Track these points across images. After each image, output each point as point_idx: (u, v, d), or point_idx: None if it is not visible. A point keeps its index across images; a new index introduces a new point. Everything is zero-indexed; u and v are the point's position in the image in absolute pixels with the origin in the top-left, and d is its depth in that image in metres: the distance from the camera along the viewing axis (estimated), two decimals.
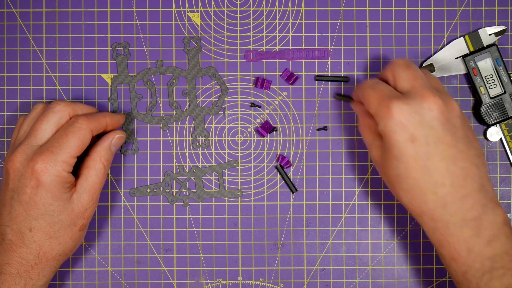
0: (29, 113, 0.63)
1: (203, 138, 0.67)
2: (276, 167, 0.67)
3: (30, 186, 0.58)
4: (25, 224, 0.59)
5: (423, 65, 0.67)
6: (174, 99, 0.67)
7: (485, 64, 0.66)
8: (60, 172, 0.58)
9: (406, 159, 0.55)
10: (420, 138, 0.55)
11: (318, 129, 0.67)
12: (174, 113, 0.67)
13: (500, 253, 0.55)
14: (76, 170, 0.61)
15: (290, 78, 0.67)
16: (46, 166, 0.58)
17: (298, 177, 0.67)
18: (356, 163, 0.67)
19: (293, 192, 0.67)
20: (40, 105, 0.63)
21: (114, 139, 0.63)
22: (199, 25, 0.68)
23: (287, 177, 0.66)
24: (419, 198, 0.56)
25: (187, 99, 0.67)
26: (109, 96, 0.67)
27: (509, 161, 0.67)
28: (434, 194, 0.55)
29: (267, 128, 0.67)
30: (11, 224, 0.59)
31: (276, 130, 0.67)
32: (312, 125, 0.67)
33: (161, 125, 0.67)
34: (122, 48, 0.67)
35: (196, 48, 0.67)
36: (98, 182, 0.61)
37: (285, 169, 0.67)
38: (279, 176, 0.67)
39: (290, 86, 0.67)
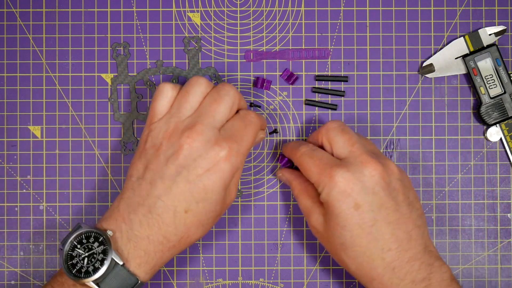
0: (187, 86, 0.59)
1: None
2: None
3: (206, 169, 0.56)
4: (184, 204, 0.56)
5: (423, 65, 0.67)
6: None
7: (485, 64, 0.66)
8: (237, 163, 0.57)
9: (351, 227, 0.56)
10: (364, 205, 0.55)
11: None
12: None
13: None
14: None
15: (290, 78, 0.67)
16: (231, 155, 0.56)
17: None
18: None
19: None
20: (204, 81, 0.59)
21: (258, 138, 0.62)
22: (199, 25, 0.68)
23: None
24: (367, 264, 0.56)
25: None
26: (109, 96, 0.67)
27: (509, 161, 0.67)
28: (382, 260, 0.56)
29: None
30: (167, 199, 0.56)
31: (277, 132, 0.67)
32: (312, 125, 0.67)
33: None
34: (122, 48, 0.67)
35: (196, 48, 0.67)
36: (238, 177, 0.60)
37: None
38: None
39: (290, 86, 0.67)
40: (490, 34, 0.66)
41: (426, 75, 0.67)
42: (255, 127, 0.59)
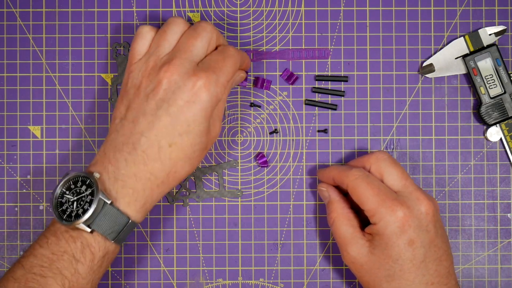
0: (165, 26, 0.60)
1: None
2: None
3: (186, 100, 0.56)
4: (168, 138, 0.56)
5: (423, 65, 0.67)
6: None
7: (485, 64, 0.66)
8: (218, 92, 0.57)
9: (403, 261, 0.57)
10: (417, 242, 0.57)
11: (319, 131, 0.67)
12: None
13: None
14: None
15: (290, 78, 0.67)
16: (209, 84, 0.56)
17: (298, 177, 0.67)
18: None
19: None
20: (181, 21, 0.60)
21: (238, 76, 0.62)
22: None
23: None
24: None
25: None
26: (109, 96, 0.67)
27: (509, 161, 0.67)
28: None
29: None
30: (149, 134, 0.56)
31: (277, 132, 0.67)
32: (312, 125, 0.67)
33: None
34: (122, 48, 0.67)
35: None
36: (222, 109, 0.60)
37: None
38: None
39: (290, 86, 0.67)
40: (490, 34, 0.66)
41: (426, 75, 0.67)
42: (235, 59, 0.59)
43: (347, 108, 0.67)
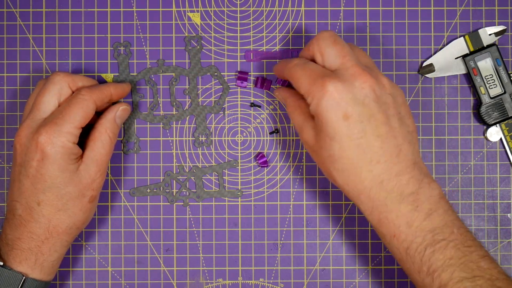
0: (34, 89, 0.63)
1: (204, 138, 0.67)
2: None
3: (36, 159, 0.58)
4: (33, 198, 0.59)
5: (423, 65, 0.67)
6: (175, 98, 0.67)
7: (485, 64, 0.66)
8: (64, 142, 0.58)
9: (340, 137, 0.55)
10: (354, 116, 0.54)
11: None
12: (174, 112, 0.67)
13: (440, 225, 0.54)
14: (82, 144, 0.61)
15: (286, 81, 0.67)
16: (50, 137, 0.58)
17: (298, 177, 0.67)
18: None
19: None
20: (42, 81, 0.63)
21: (118, 111, 0.63)
22: (199, 25, 0.68)
23: None
24: (354, 177, 0.55)
25: (188, 99, 0.67)
26: None
27: (509, 161, 0.67)
28: (370, 172, 0.55)
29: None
30: (20, 199, 0.59)
31: (278, 132, 0.67)
32: None
33: (161, 125, 0.67)
34: (123, 48, 0.67)
35: (197, 47, 0.67)
36: (105, 153, 0.61)
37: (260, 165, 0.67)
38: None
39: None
40: (490, 34, 0.66)
41: (426, 75, 0.67)
42: (83, 103, 0.60)
43: None
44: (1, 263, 0.58)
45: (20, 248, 0.59)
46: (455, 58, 0.67)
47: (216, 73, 0.67)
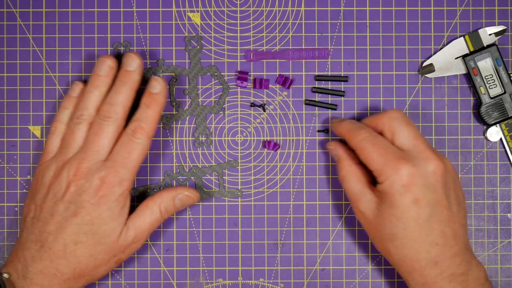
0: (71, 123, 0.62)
1: (204, 138, 0.67)
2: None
3: (92, 203, 0.58)
4: (74, 236, 0.58)
5: (423, 65, 0.67)
6: (175, 98, 0.67)
7: (485, 64, 0.66)
8: (124, 191, 0.59)
9: (407, 219, 0.57)
10: (423, 201, 0.57)
11: (319, 131, 0.67)
12: (174, 112, 0.67)
13: None
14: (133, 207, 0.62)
15: (286, 82, 0.67)
16: (113, 185, 0.58)
17: (298, 177, 0.67)
18: None
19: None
20: (80, 83, 0.63)
21: (182, 195, 0.63)
22: (199, 25, 0.68)
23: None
24: (412, 256, 0.58)
25: (188, 99, 0.67)
26: None
27: (509, 161, 0.67)
28: (427, 253, 0.57)
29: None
30: (56, 233, 0.58)
31: (264, 110, 0.67)
32: (312, 125, 0.67)
33: (161, 125, 0.67)
34: (123, 48, 0.67)
35: (197, 47, 0.67)
36: (149, 224, 0.61)
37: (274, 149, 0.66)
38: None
39: (291, 87, 0.67)
40: (490, 34, 0.66)
41: (426, 75, 0.67)
42: (141, 146, 0.60)
43: (347, 108, 0.67)
44: None
45: (40, 283, 0.57)
46: (455, 58, 0.67)
47: (216, 73, 0.67)
